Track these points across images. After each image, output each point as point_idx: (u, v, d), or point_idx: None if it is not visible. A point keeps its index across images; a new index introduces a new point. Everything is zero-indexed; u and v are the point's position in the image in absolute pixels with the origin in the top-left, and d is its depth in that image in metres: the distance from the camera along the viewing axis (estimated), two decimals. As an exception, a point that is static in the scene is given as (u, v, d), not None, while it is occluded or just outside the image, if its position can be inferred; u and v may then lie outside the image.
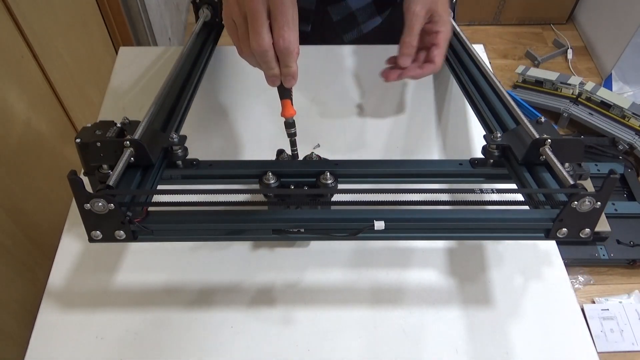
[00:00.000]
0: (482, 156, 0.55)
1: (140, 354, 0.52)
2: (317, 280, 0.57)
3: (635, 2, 1.96)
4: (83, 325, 0.54)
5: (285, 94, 0.51)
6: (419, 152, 0.71)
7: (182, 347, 0.53)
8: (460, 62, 0.70)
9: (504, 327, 0.54)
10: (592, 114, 1.87)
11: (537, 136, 0.49)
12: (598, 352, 0.52)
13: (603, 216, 1.42)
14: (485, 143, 0.54)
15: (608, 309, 1.45)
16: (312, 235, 0.47)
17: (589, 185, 0.48)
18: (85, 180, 0.52)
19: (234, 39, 0.48)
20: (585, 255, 1.52)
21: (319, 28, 0.81)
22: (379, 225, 0.44)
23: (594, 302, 1.49)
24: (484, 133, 0.56)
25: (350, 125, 0.74)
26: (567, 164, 0.49)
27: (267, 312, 0.55)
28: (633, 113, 1.79)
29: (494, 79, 0.61)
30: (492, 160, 0.54)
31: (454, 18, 0.75)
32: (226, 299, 0.56)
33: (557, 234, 0.45)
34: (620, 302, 1.48)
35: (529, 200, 0.49)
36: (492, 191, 0.43)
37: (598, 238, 1.46)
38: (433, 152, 0.71)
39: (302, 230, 0.46)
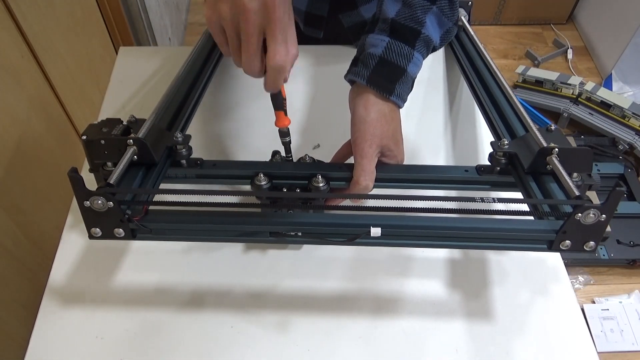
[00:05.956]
0: (488, 163, 0.53)
1: (140, 354, 0.52)
2: (317, 281, 0.57)
3: (635, 2, 1.96)
4: (83, 325, 0.54)
5: (278, 105, 0.50)
6: (425, 154, 0.70)
7: (182, 347, 0.53)
8: (472, 65, 0.68)
9: (504, 326, 0.54)
10: (592, 114, 1.87)
11: (545, 144, 0.48)
12: (598, 352, 0.52)
13: (603, 216, 1.42)
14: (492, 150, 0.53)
15: (608, 309, 1.45)
16: (308, 240, 0.46)
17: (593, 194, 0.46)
18: (92, 177, 0.52)
19: (221, 44, 0.46)
20: (585, 255, 1.52)
21: (331, 34, 0.81)
22: (375, 231, 0.43)
23: (594, 302, 1.49)
24: (492, 139, 0.55)
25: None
26: (575, 174, 0.47)
27: (267, 312, 0.55)
28: (633, 113, 1.79)
29: (505, 84, 0.60)
30: (498, 168, 0.52)
31: (469, 21, 0.75)
32: (226, 299, 0.56)
33: (560, 246, 0.43)
34: (620, 302, 1.47)
35: (534, 210, 0.47)
36: (493, 200, 0.42)
37: (598, 238, 1.46)
38: (439, 154, 0.70)
39: (300, 234, 0.46)
